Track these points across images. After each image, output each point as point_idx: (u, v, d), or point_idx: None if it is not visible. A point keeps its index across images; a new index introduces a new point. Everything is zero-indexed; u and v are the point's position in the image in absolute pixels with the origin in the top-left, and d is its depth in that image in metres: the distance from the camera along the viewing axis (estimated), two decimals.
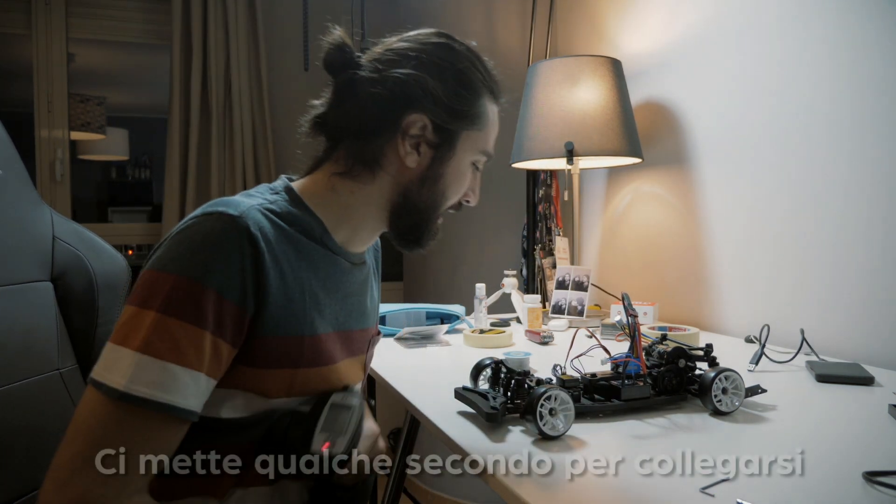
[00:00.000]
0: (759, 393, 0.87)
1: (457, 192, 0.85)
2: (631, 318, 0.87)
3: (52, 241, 1.02)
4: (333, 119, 0.82)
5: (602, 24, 1.96)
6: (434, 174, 0.82)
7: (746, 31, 1.45)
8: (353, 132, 0.81)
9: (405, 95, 0.78)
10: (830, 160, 1.26)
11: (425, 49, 0.81)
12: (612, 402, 0.84)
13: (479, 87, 0.83)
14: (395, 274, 2.78)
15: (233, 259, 0.67)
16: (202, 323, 0.65)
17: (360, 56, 0.82)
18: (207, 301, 0.65)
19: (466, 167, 0.84)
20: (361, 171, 0.81)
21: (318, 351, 0.78)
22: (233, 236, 0.68)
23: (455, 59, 0.81)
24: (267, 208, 0.75)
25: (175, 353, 0.63)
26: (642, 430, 0.79)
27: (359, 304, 0.88)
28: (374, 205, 0.82)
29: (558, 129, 1.56)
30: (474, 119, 0.82)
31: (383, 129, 0.79)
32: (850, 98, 1.22)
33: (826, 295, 1.27)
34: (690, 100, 1.62)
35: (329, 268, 0.81)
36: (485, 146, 0.85)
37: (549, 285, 1.73)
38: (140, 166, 6.04)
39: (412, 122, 0.79)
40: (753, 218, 1.44)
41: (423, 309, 1.53)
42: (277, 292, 0.71)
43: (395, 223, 0.84)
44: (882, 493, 0.59)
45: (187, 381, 0.64)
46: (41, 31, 2.56)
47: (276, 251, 0.71)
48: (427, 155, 0.81)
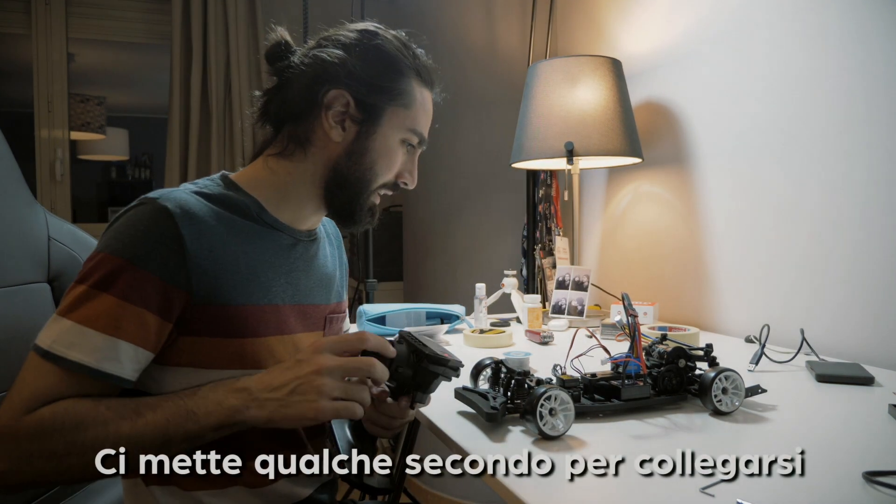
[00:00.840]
0: (760, 393, 0.87)
1: (386, 167, 0.89)
2: (631, 318, 0.87)
3: (48, 242, 1.02)
4: (272, 107, 0.88)
5: (602, 24, 1.96)
6: (360, 148, 0.86)
7: (746, 31, 1.45)
8: (288, 116, 0.87)
9: (326, 73, 0.84)
10: (831, 159, 1.26)
11: (350, 34, 0.88)
12: (612, 402, 0.84)
13: (403, 67, 0.87)
14: (395, 274, 2.78)
15: (152, 236, 0.73)
16: (125, 296, 0.71)
17: (297, 49, 0.89)
18: (128, 274, 0.71)
19: (395, 144, 0.88)
20: (295, 150, 0.87)
21: (264, 321, 0.81)
22: (153, 216, 0.74)
23: (378, 41, 0.87)
24: (196, 191, 0.81)
25: (94, 320, 0.70)
26: (642, 430, 0.79)
27: (308, 279, 0.90)
28: (310, 182, 0.87)
29: (558, 129, 1.56)
30: (397, 95, 0.87)
31: (310, 108, 0.85)
32: (850, 97, 1.22)
33: (826, 295, 1.27)
34: (690, 100, 1.62)
35: (269, 244, 0.85)
36: (413, 125, 0.89)
37: (549, 285, 1.73)
38: (140, 166, 6.04)
39: (333, 98, 0.84)
40: (754, 217, 1.44)
41: (423, 309, 1.53)
42: (207, 265, 0.75)
43: (329, 199, 0.88)
44: (882, 493, 0.59)
45: (98, 343, 0.70)
46: (41, 31, 2.56)
47: (203, 227, 0.76)
48: (352, 129, 0.86)
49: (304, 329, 0.88)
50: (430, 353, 0.77)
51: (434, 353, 0.77)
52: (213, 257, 0.76)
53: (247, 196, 0.85)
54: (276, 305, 0.83)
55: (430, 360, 0.77)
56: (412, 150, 0.92)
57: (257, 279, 0.81)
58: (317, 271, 0.93)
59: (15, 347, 0.89)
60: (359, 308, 1.51)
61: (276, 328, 0.83)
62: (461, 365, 0.79)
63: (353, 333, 0.76)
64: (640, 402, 0.85)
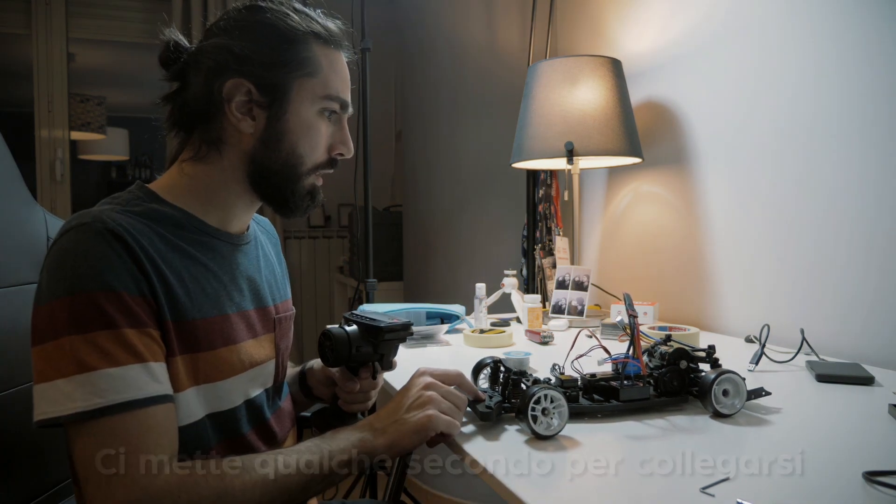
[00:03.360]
0: (764, 395, 0.87)
1: (311, 146, 0.84)
2: (631, 319, 0.87)
3: (47, 243, 1.01)
4: (177, 112, 0.84)
5: (602, 24, 1.96)
6: (275, 133, 0.81)
7: (747, 31, 1.45)
8: (195, 118, 0.82)
9: (216, 65, 0.79)
10: (831, 159, 1.26)
11: (230, 17, 0.82)
12: (611, 402, 0.84)
13: (297, 34, 0.81)
14: (395, 274, 2.78)
15: (108, 257, 0.68)
16: (114, 324, 0.66)
17: (188, 47, 0.84)
18: (107, 303, 0.66)
19: (312, 118, 0.83)
20: (209, 152, 0.82)
21: (214, 333, 0.78)
22: (97, 239, 0.68)
23: (262, 15, 0.81)
24: (124, 209, 0.75)
25: (107, 359, 0.64)
26: (642, 430, 0.79)
27: (252, 283, 0.88)
28: (231, 181, 0.83)
29: (558, 129, 1.56)
30: (298, 65, 0.81)
31: (212, 106, 0.80)
32: (850, 97, 1.22)
33: (826, 295, 1.27)
34: (690, 100, 1.62)
35: (207, 252, 0.81)
36: (325, 91, 0.83)
37: (549, 285, 1.73)
38: (140, 166, 6.04)
39: (232, 89, 0.79)
40: (753, 217, 1.44)
41: (423, 309, 1.53)
42: (156, 280, 0.72)
43: (260, 192, 0.85)
44: (882, 493, 0.59)
45: (132, 375, 0.66)
46: (41, 31, 2.56)
47: (144, 243, 0.72)
48: (262, 116, 0.81)
49: (251, 335, 0.85)
50: (385, 325, 0.84)
51: (389, 324, 0.84)
52: (160, 273, 0.73)
53: (171, 207, 0.80)
54: (226, 315, 0.81)
55: (386, 331, 0.84)
56: (336, 116, 0.86)
57: (203, 291, 0.78)
58: (259, 273, 0.90)
59: (14, 348, 0.89)
60: (359, 308, 1.51)
61: (228, 339, 0.80)
62: (411, 323, 0.87)
63: (455, 371, 0.85)
64: (639, 403, 0.84)
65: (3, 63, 4.29)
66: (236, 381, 0.81)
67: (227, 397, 0.80)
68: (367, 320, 0.86)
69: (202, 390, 0.76)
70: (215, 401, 0.79)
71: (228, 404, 0.80)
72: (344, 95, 0.86)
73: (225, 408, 0.80)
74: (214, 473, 0.66)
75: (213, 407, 0.78)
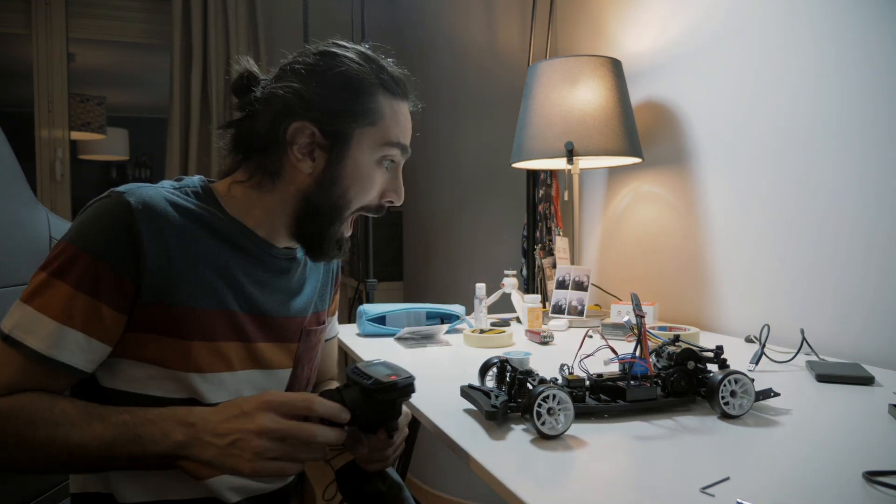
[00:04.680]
0: (773, 396, 0.86)
1: (361, 191, 0.87)
2: (638, 319, 0.86)
3: (50, 243, 1.02)
4: (240, 137, 0.87)
5: (602, 24, 1.96)
6: (331, 177, 0.85)
7: (747, 31, 1.45)
8: (256, 148, 0.86)
9: (285, 107, 0.83)
10: (831, 159, 1.26)
11: (305, 60, 0.86)
12: (618, 402, 0.84)
13: (366, 84, 0.85)
14: (396, 274, 2.78)
15: (112, 229, 0.75)
16: (78, 285, 0.73)
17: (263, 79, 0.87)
18: (85, 265, 0.73)
19: (369, 165, 0.86)
20: (263, 181, 0.86)
21: (214, 325, 0.81)
22: (114, 210, 0.75)
23: (334, 62, 0.85)
24: (173, 191, 0.82)
25: (47, 306, 0.72)
26: (649, 431, 0.79)
27: (277, 291, 0.90)
28: (280, 212, 0.87)
29: (558, 129, 1.56)
30: (363, 115, 0.84)
31: (275, 142, 0.84)
32: (850, 97, 1.22)
33: (826, 295, 1.27)
34: (690, 100, 1.62)
35: (238, 253, 0.85)
36: (386, 139, 0.86)
37: (549, 285, 1.73)
38: (140, 166, 6.04)
39: (296, 132, 0.83)
40: (753, 217, 1.44)
41: (423, 309, 1.53)
42: (161, 264, 0.76)
43: (299, 229, 0.88)
44: (882, 493, 0.59)
45: (51, 330, 0.72)
46: (41, 31, 2.56)
47: (163, 226, 0.77)
48: (322, 159, 0.84)
49: (266, 339, 0.87)
50: (375, 386, 0.75)
51: (380, 383, 0.75)
52: (168, 257, 0.77)
53: (220, 207, 0.85)
54: (231, 311, 0.83)
55: (377, 392, 0.75)
56: (393, 165, 0.90)
57: (212, 285, 0.81)
58: (289, 284, 0.92)
59: None
60: (359, 308, 1.51)
61: (230, 334, 0.82)
62: (413, 378, 0.78)
63: (303, 399, 0.74)
64: (646, 403, 0.84)
65: (3, 63, 4.29)
66: (222, 377, 0.82)
67: (210, 390, 0.80)
68: (362, 379, 0.77)
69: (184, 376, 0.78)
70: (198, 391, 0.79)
71: (210, 398, 0.80)
72: (403, 140, 0.89)
73: (210, 401, 0.80)
74: (23, 417, 0.70)
75: (195, 395, 0.80)
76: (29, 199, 1.01)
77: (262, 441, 0.71)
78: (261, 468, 0.71)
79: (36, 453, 0.70)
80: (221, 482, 0.80)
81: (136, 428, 0.72)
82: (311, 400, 0.74)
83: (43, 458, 0.70)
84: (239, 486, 0.83)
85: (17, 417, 0.69)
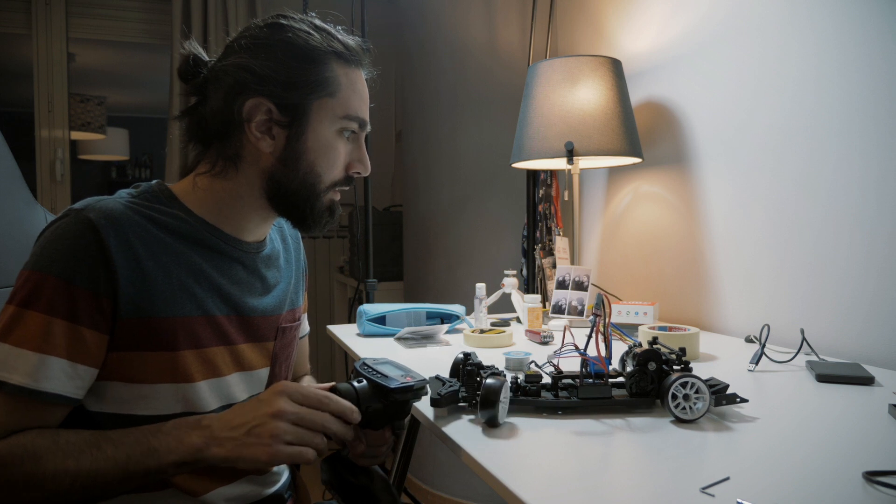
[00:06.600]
0: (738, 402, 0.84)
1: (329, 165, 0.84)
2: (593, 318, 0.86)
3: None
4: (195, 124, 0.84)
5: (602, 24, 1.96)
6: (293, 153, 0.82)
7: (747, 31, 1.45)
8: (213, 134, 0.83)
9: (236, 84, 0.79)
10: (831, 159, 1.26)
11: (252, 33, 0.82)
12: (572, 399, 0.84)
13: (319, 53, 0.82)
14: (395, 274, 2.78)
15: (77, 248, 0.71)
16: (53, 311, 0.70)
17: (209, 61, 0.84)
18: (54, 289, 0.70)
19: (331, 137, 0.84)
20: (226, 168, 0.83)
21: (197, 332, 0.79)
22: (76, 229, 0.72)
23: (282, 34, 0.81)
24: (131, 200, 0.78)
25: (23, 339, 0.69)
26: (644, 430, 0.79)
27: (252, 290, 0.88)
28: (248, 195, 0.84)
29: (558, 129, 1.56)
30: (318, 86, 0.81)
31: (231, 124, 0.81)
32: (850, 96, 1.22)
33: (826, 295, 1.27)
34: (690, 100, 1.62)
35: (208, 255, 0.82)
36: (345, 111, 0.84)
37: (549, 285, 1.73)
38: (140, 166, 6.04)
39: (251, 109, 0.80)
40: (753, 217, 1.44)
41: (423, 309, 1.53)
42: (134, 276, 0.74)
43: (278, 208, 0.85)
44: (882, 493, 0.59)
45: (34, 362, 0.69)
46: (41, 31, 2.57)
47: (129, 237, 0.74)
48: (281, 136, 0.81)
49: (245, 340, 0.86)
50: (395, 386, 0.77)
51: (399, 385, 0.77)
52: (140, 267, 0.74)
53: (186, 210, 0.82)
54: (213, 316, 0.81)
55: (396, 392, 0.77)
56: (354, 136, 0.87)
57: (189, 290, 0.79)
58: (264, 281, 0.90)
59: None
60: (359, 308, 1.51)
61: (214, 339, 0.81)
62: (426, 382, 0.80)
63: (320, 392, 0.75)
64: (599, 401, 0.84)
65: (3, 63, 4.29)
66: (213, 383, 0.81)
67: (203, 398, 0.80)
68: (377, 377, 0.79)
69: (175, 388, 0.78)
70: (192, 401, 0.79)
71: (205, 406, 0.80)
72: (362, 114, 0.86)
73: (204, 409, 0.80)
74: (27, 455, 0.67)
75: (189, 406, 0.79)
76: (27, 199, 1.01)
77: (279, 423, 0.71)
78: (278, 451, 0.70)
79: (49, 488, 0.68)
80: (218, 495, 0.80)
81: (149, 441, 0.71)
82: (326, 395, 0.75)
83: (57, 490, 0.68)
84: (235, 496, 0.83)
85: (20, 456, 0.67)
